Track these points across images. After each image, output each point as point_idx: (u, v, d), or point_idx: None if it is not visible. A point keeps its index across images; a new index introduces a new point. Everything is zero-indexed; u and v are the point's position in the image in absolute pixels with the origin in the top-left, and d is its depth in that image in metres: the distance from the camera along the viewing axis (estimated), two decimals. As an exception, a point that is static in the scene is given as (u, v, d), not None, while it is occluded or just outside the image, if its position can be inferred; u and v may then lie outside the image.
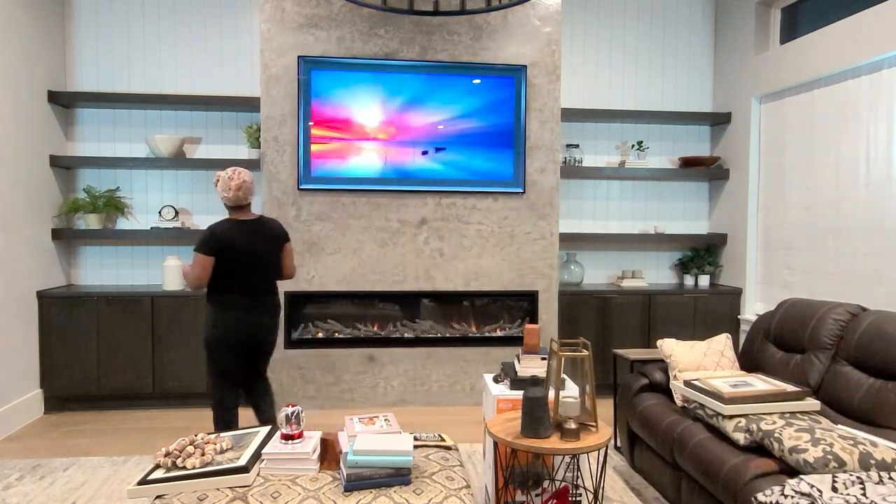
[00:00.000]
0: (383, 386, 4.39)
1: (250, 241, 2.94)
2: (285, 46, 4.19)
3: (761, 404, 2.40)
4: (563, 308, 4.61)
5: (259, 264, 2.95)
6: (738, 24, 4.86)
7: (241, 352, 3.01)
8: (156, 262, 4.70)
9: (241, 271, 2.92)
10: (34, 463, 3.37)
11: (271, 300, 3.05)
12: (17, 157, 3.96)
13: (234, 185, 2.90)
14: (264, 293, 3.02)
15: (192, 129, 4.72)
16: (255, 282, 2.97)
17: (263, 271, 2.98)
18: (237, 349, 2.99)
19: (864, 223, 3.74)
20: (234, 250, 2.90)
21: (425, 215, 4.36)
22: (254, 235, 2.97)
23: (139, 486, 1.94)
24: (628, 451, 3.13)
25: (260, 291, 3.00)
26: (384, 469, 1.94)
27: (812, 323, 2.80)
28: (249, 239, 2.94)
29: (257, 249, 2.96)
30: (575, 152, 4.95)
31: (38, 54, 4.22)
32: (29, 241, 4.09)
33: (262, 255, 2.97)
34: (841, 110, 3.92)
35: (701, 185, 5.26)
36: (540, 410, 2.23)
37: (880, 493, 1.79)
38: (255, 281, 2.97)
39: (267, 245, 3.02)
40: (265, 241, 3.01)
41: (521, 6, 4.34)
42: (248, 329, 2.96)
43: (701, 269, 4.98)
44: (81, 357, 4.20)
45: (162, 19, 4.63)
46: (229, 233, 2.90)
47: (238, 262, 2.91)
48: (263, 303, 3.00)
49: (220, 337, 2.94)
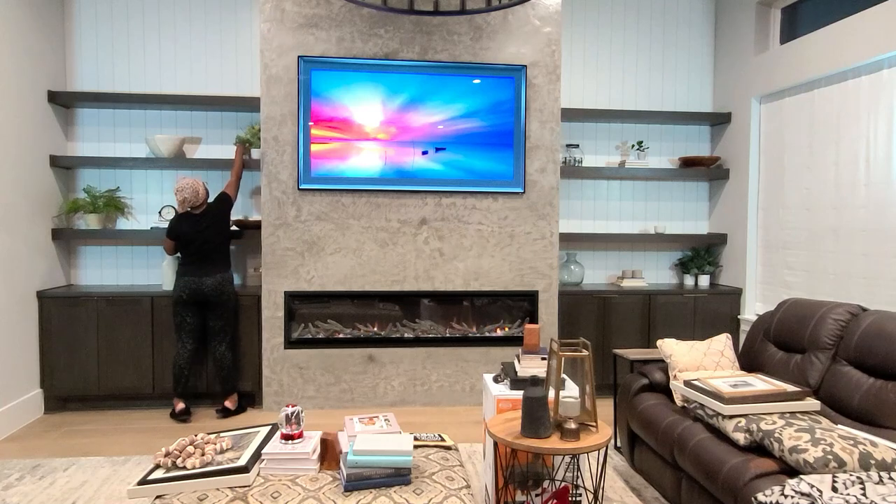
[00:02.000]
0: (383, 386, 4.39)
1: (194, 229, 4.06)
2: (285, 46, 4.19)
3: (761, 404, 2.40)
4: (563, 308, 4.61)
5: (201, 242, 4.06)
6: (738, 24, 4.86)
7: (192, 310, 4.10)
8: (156, 262, 4.70)
9: (187, 248, 4.07)
10: (34, 463, 3.37)
11: (213, 267, 4.09)
12: (17, 157, 3.96)
13: (178, 199, 4.03)
14: (206, 261, 4.08)
15: (192, 129, 4.72)
16: (199, 254, 4.07)
17: (204, 247, 4.07)
18: (189, 306, 4.09)
19: (864, 223, 3.74)
20: (183, 235, 4.05)
21: (425, 215, 4.36)
22: (197, 224, 4.07)
23: (139, 486, 1.94)
24: (628, 451, 3.13)
25: (202, 260, 4.07)
26: (384, 469, 1.94)
27: (812, 323, 2.80)
28: (193, 227, 4.06)
29: (198, 232, 4.06)
30: (575, 152, 4.95)
31: (38, 54, 4.22)
32: (29, 241, 4.09)
33: (203, 236, 4.06)
34: (841, 110, 3.92)
35: (701, 185, 5.26)
36: (540, 410, 2.23)
37: (880, 493, 1.79)
38: (199, 254, 4.07)
39: (206, 227, 4.07)
40: (205, 226, 4.08)
41: (521, 6, 4.34)
42: (194, 287, 4.02)
43: (701, 269, 4.98)
44: (81, 357, 4.20)
45: (162, 19, 4.63)
46: (179, 224, 4.08)
47: (186, 242, 4.06)
48: (206, 268, 4.07)
49: (176, 296, 4.07)
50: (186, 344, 4.10)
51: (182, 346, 4.10)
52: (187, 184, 4.02)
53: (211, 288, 4.06)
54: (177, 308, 4.09)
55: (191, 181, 4.03)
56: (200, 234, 4.06)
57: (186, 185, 4.02)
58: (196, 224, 4.07)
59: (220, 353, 4.15)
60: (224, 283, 4.11)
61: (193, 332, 4.12)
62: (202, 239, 4.06)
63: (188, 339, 4.11)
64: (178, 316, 4.10)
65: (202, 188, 4.09)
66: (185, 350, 4.10)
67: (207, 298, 4.07)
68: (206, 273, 4.06)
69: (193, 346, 4.12)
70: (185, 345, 4.10)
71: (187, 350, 4.10)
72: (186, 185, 4.02)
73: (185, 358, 4.09)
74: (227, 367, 4.16)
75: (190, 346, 4.11)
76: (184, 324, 4.09)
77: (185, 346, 4.10)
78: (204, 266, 4.07)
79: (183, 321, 4.09)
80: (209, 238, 4.08)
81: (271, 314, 4.27)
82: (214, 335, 4.16)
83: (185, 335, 4.10)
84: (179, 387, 4.09)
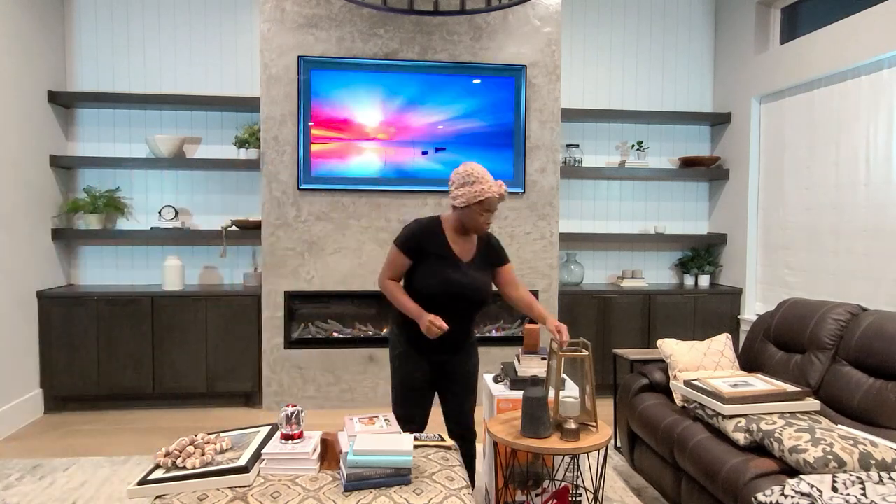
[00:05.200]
0: (383, 386, 4.39)
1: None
2: (285, 46, 4.19)
3: (761, 404, 2.40)
4: (563, 308, 4.61)
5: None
6: (738, 24, 4.86)
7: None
8: (156, 262, 4.70)
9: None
10: (34, 463, 3.37)
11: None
12: (17, 157, 3.96)
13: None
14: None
15: (192, 129, 4.72)
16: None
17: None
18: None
19: (864, 223, 3.74)
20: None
21: (425, 215, 4.36)
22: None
23: (139, 486, 1.94)
24: (628, 451, 3.13)
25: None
26: (384, 469, 1.94)
27: (812, 323, 2.80)
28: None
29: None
30: (575, 152, 4.95)
31: (38, 54, 4.22)
32: (29, 241, 4.09)
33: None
34: (841, 110, 3.92)
35: (701, 185, 5.26)
36: (540, 410, 2.23)
37: (880, 493, 1.79)
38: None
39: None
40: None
41: (521, 6, 4.34)
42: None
43: (701, 269, 4.98)
44: (81, 357, 4.20)
45: (162, 19, 4.63)
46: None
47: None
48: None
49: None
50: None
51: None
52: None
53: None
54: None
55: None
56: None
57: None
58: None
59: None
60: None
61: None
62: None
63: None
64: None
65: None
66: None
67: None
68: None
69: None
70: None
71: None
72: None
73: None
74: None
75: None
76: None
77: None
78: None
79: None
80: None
81: (271, 314, 4.27)
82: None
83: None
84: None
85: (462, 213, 2.48)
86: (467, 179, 2.44)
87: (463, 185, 2.45)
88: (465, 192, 2.43)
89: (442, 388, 2.67)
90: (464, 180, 2.45)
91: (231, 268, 4.77)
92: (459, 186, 2.46)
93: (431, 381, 2.62)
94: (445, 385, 2.65)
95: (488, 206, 2.45)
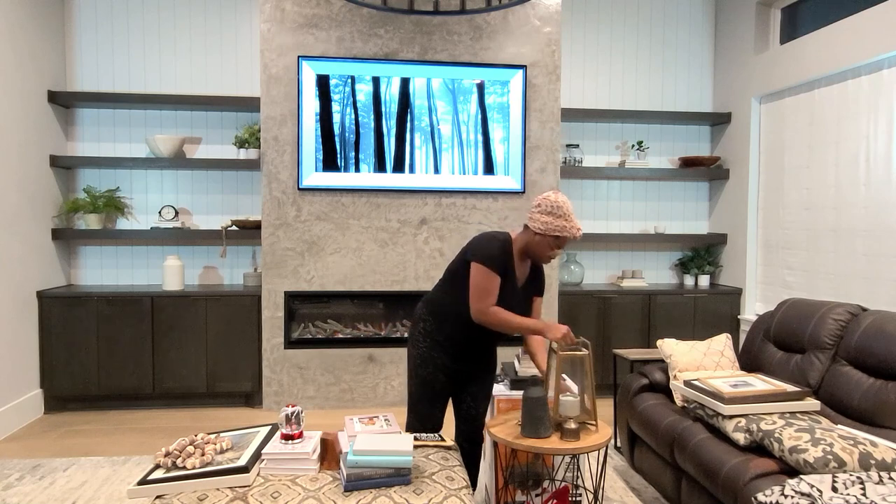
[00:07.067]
0: (383, 386, 4.39)
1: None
2: (285, 46, 4.19)
3: (761, 404, 2.40)
4: (563, 308, 4.61)
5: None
6: (738, 23, 4.86)
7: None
8: (156, 262, 4.70)
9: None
10: (34, 463, 3.37)
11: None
12: (17, 157, 3.96)
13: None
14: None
15: (192, 129, 4.72)
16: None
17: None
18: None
19: (864, 223, 3.74)
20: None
21: (425, 215, 4.36)
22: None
23: (139, 486, 1.94)
24: (628, 451, 3.13)
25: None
26: (384, 469, 1.94)
27: (812, 323, 2.80)
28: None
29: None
30: (575, 152, 4.95)
31: (38, 54, 4.22)
32: (29, 241, 4.09)
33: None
34: (841, 110, 3.92)
35: (701, 185, 5.26)
36: (540, 410, 2.23)
37: (880, 493, 1.79)
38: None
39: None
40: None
41: (521, 6, 4.34)
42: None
43: (701, 269, 4.98)
44: (81, 357, 4.20)
45: (162, 19, 4.63)
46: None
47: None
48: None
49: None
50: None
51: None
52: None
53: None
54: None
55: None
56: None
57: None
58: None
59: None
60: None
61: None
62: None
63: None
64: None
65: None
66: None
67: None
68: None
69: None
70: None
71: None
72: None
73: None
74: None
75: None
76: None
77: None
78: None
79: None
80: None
81: (271, 314, 4.27)
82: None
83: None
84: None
85: (534, 238, 2.43)
86: (555, 211, 2.39)
87: (549, 213, 2.39)
88: (548, 223, 2.38)
89: (459, 393, 2.65)
90: (551, 210, 2.39)
91: (231, 268, 4.77)
92: (545, 213, 2.40)
93: (451, 385, 2.60)
94: (463, 391, 2.64)
95: (562, 243, 2.42)
